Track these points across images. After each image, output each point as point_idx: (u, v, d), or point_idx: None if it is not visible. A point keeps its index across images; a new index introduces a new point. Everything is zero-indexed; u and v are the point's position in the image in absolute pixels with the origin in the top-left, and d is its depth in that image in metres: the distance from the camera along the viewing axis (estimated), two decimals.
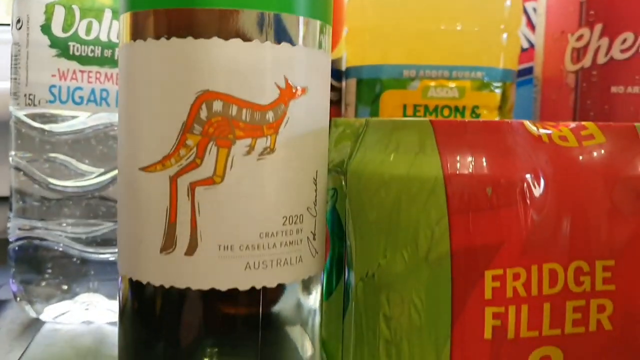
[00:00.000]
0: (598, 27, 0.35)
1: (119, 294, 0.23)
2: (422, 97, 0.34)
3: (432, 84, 0.34)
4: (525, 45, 0.43)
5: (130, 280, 0.22)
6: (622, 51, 0.35)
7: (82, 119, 0.33)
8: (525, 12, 0.44)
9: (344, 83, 0.38)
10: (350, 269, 0.23)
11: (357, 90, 0.36)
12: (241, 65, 0.20)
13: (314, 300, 0.24)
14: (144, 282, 0.21)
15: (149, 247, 0.21)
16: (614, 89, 0.35)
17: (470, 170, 0.20)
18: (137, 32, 0.21)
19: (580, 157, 0.21)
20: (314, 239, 0.23)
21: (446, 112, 0.34)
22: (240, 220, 0.21)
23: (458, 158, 0.20)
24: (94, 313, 0.35)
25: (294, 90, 0.21)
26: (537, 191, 0.20)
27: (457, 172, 0.20)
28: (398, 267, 0.20)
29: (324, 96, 0.23)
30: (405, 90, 0.34)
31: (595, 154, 0.21)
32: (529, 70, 0.43)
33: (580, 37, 0.36)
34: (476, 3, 0.34)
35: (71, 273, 0.35)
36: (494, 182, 0.20)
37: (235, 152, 0.21)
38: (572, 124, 0.22)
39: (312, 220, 0.23)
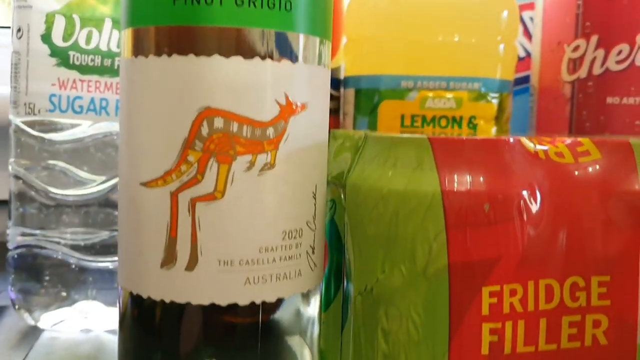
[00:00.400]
0: (594, 39, 0.36)
1: (119, 306, 0.23)
2: (420, 107, 0.35)
3: (430, 94, 0.34)
4: (522, 54, 0.44)
5: (131, 293, 0.22)
6: (618, 62, 0.35)
7: (81, 128, 0.34)
8: (522, 21, 0.44)
9: (342, 92, 0.38)
10: (349, 282, 0.23)
11: (356, 100, 0.36)
12: (242, 83, 0.20)
13: (313, 309, 0.24)
14: (145, 297, 0.21)
15: (149, 261, 0.21)
16: (609, 100, 0.36)
17: (468, 187, 0.20)
18: (138, 48, 0.21)
19: (577, 174, 0.22)
20: (313, 252, 0.23)
21: (443, 122, 0.35)
22: (240, 235, 0.21)
23: (456, 175, 0.20)
24: (92, 321, 0.35)
25: (294, 107, 0.21)
26: (534, 207, 0.21)
27: (455, 189, 0.20)
28: (396, 282, 0.21)
29: (324, 111, 0.23)
30: (403, 100, 0.35)
31: (591, 170, 0.22)
32: (526, 79, 0.43)
33: (576, 48, 0.36)
34: (473, 15, 0.35)
35: (70, 281, 0.35)
36: (492, 198, 0.20)
37: (235, 168, 0.21)
38: (568, 140, 0.23)
39: (311, 234, 0.23)
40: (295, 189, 0.22)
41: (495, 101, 0.35)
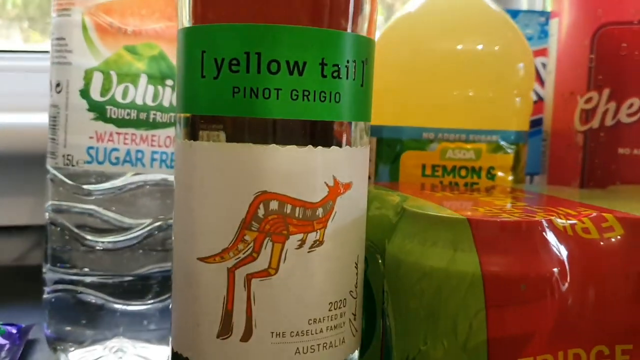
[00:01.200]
0: (606, 92, 0.37)
1: None
2: (441, 158, 0.36)
3: (450, 146, 0.36)
4: (534, 98, 0.45)
5: (187, 359, 0.24)
6: (629, 115, 0.37)
7: (117, 178, 0.35)
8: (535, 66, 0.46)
9: None
10: (391, 348, 0.24)
11: (378, 148, 0.38)
12: (296, 169, 0.22)
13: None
14: None
15: (206, 332, 0.23)
16: (620, 150, 0.37)
17: (506, 268, 0.22)
18: (196, 133, 0.23)
19: (602, 249, 0.23)
20: (355, 319, 0.25)
21: (463, 172, 0.36)
22: (291, 308, 0.23)
23: (494, 256, 0.22)
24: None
25: (340, 187, 0.23)
26: (564, 283, 0.22)
27: (494, 270, 0.22)
28: (438, 354, 0.22)
29: (364, 185, 0.25)
30: (424, 151, 0.36)
31: (614, 245, 0.23)
32: (538, 122, 0.45)
33: (589, 100, 0.38)
34: (490, 70, 0.36)
35: (103, 321, 0.36)
36: (527, 278, 0.22)
37: (288, 247, 0.22)
38: (594, 213, 0.24)
39: (354, 302, 0.24)
40: (340, 262, 0.24)
41: (511, 151, 0.37)
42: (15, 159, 0.58)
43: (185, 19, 0.23)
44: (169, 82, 0.35)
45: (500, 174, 0.36)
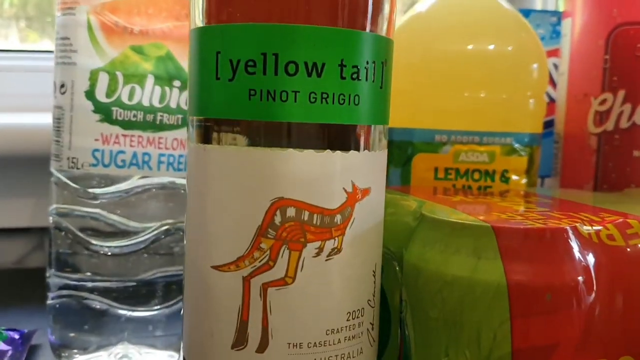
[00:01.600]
0: (621, 94, 0.37)
1: None
2: (454, 161, 0.36)
3: (464, 148, 0.35)
4: (546, 99, 0.45)
5: None
6: None
7: (124, 182, 0.34)
8: None
9: None
10: (410, 358, 0.24)
11: (389, 151, 0.37)
12: (314, 174, 0.21)
13: None
14: None
15: (220, 343, 0.22)
16: (636, 153, 0.37)
17: (532, 277, 0.21)
18: (210, 137, 0.22)
19: (628, 256, 0.23)
20: (372, 329, 0.24)
21: (476, 175, 0.36)
22: (309, 318, 0.22)
23: (519, 264, 0.21)
24: None
25: (359, 193, 0.22)
26: (590, 292, 0.22)
27: (520, 279, 0.21)
28: None
29: (382, 191, 0.24)
30: (437, 154, 0.36)
31: None
32: (550, 123, 0.44)
33: (603, 102, 0.37)
34: (504, 71, 0.35)
35: (107, 327, 0.35)
36: (553, 288, 0.21)
37: (305, 255, 0.22)
38: (619, 219, 0.24)
39: (371, 312, 0.24)
40: (358, 270, 0.23)
41: (525, 154, 0.36)
42: (14, 160, 0.57)
43: (198, 19, 0.22)
44: (177, 83, 0.34)
45: (514, 177, 0.36)
